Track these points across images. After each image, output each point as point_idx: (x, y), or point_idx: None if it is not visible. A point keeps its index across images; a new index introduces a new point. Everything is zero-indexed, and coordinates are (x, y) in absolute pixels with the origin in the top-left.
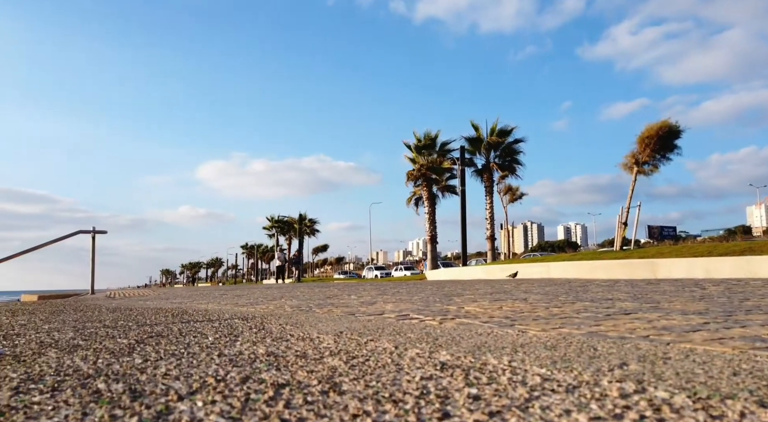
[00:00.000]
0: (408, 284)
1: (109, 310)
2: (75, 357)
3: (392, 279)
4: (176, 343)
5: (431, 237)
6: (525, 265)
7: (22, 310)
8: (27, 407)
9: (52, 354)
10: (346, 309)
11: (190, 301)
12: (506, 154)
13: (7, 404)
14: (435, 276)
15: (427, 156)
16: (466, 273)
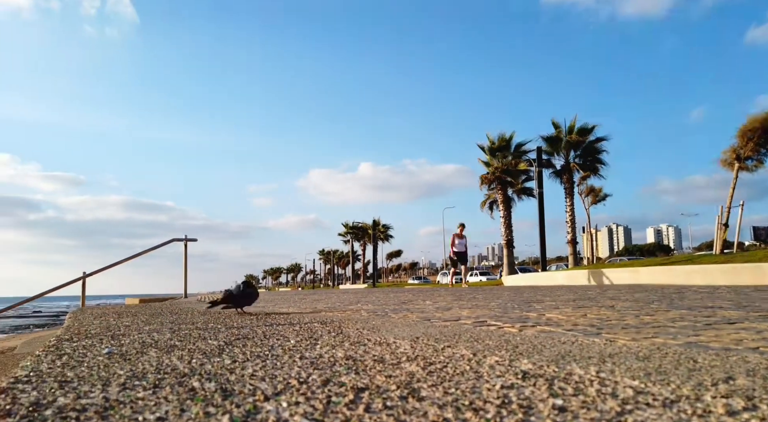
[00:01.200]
0: (484, 290)
1: (200, 313)
2: (172, 356)
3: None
4: (261, 345)
5: (507, 242)
6: (610, 270)
7: (126, 313)
8: (133, 402)
9: (152, 353)
10: (421, 314)
11: (272, 305)
12: (587, 153)
13: (116, 398)
14: (512, 281)
15: (502, 158)
16: (545, 278)
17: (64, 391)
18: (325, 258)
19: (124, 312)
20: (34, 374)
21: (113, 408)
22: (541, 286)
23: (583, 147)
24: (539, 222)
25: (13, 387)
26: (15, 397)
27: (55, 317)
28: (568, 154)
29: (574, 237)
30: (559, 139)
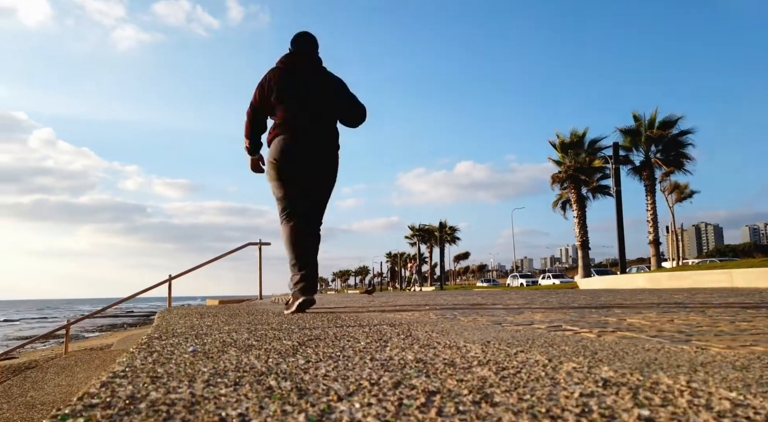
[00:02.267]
0: (558, 293)
1: (275, 314)
2: (250, 355)
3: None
4: (332, 346)
5: (582, 243)
6: (699, 272)
7: (208, 313)
8: (216, 398)
9: (232, 352)
10: (491, 318)
11: (342, 307)
12: (670, 147)
13: (201, 394)
14: (588, 284)
15: (574, 156)
16: (625, 281)
17: (155, 386)
18: (392, 260)
19: (205, 312)
20: (129, 369)
21: (199, 403)
22: (620, 289)
23: (666, 141)
24: (617, 221)
25: (112, 381)
26: (114, 390)
27: (146, 317)
28: (648, 148)
29: (656, 237)
30: (638, 133)
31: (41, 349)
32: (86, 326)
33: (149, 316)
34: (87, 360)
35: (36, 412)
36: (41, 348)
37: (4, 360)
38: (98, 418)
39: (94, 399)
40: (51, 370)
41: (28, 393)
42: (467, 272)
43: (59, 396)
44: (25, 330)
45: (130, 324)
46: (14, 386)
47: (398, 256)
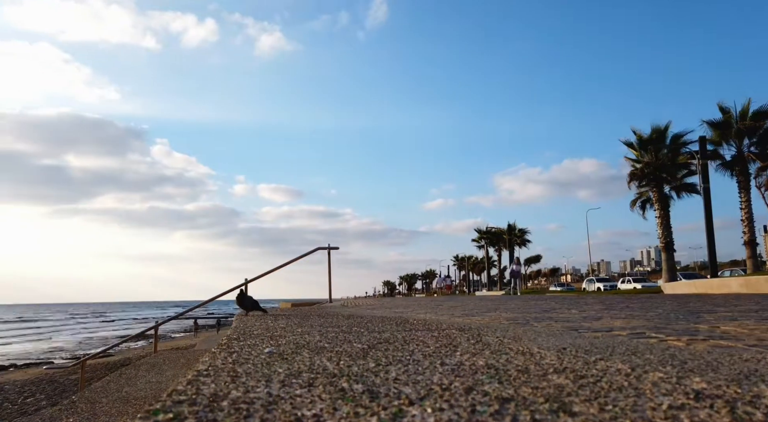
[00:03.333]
0: (639, 298)
1: (344, 317)
2: (322, 357)
3: (619, 292)
4: (402, 350)
5: (665, 245)
6: None
7: (281, 316)
8: (292, 398)
9: (305, 354)
10: (566, 323)
11: (410, 311)
12: (765, 140)
13: (277, 394)
14: (673, 289)
15: (655, 152)
16: (716, 285)
17: (235, 385)
18: (459, 263)
19: (279, 315)
20: (212, 368)
21: (276, 403)
22: (711, 294)
23: (761, 133)
24: (705, 221)
25: (197, 379)
26: (199, 388)
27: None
28: (740, 142)
29: (752, 237)
30: (727, 126)
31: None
32: (172, 327)
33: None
34: (174, 358)
35: (130, 406)
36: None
37: (102, 357)
38: (185, 414)
39: (181, 396)
40: (143, 368)
41: (123, 388)
42: (539, 275)
43: (150, 392)
44: (120, 330)
45: (210, 325)
46: (111, 381)
47: (466, 259)
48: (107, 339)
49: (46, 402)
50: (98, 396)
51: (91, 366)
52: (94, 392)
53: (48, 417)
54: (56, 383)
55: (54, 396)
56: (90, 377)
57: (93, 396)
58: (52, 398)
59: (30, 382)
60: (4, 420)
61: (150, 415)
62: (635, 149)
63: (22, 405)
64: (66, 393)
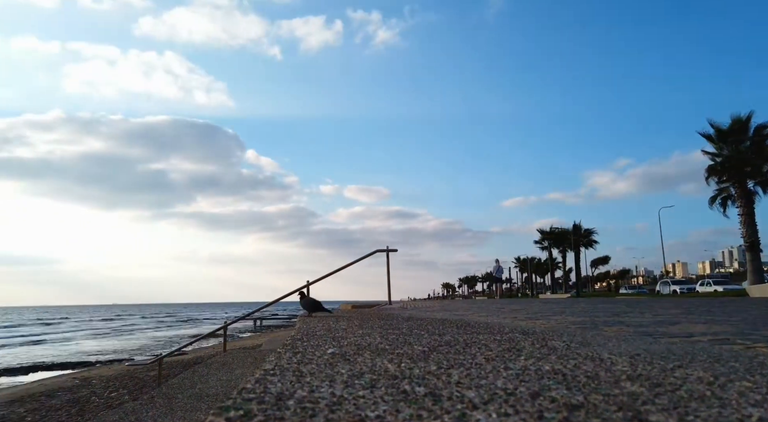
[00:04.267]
0: (721, 301)
1: (404, 319)
2: (384, 359)
3: (697, 295)
4: (463, 353)
5: (750, 245)
6: None
7: (342, 317)
8: (355, 399)
9: (367, 355)
10: (639, 328)
11: (470, 314)
12: None
13: (341, 395)
14: (761, 292)
15: (736, 144)
16: None
17: (300, 384)
18: (521, 265)
19: (340, 316)
20: (278, 368)
21: (340, 403)
22: None
23: None
24: None
25: (264, 378)
26: (266, 387)
27: (288, 319)
28: None
29: None
30: None
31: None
32: (239, 327)
33: (291, 319)
34: (242, 357)
35: (203, 403)
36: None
37: (176, 356)
38: (255, 412)
39: (250, 394)
40: (213, 366)
41: (196, 385)
42: (607, 277)
43: (221, 389)
44: (191, 329)
45: (275, 326)
46: (186, 378)
47: (528, 261)
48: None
49: (128, 397)
50: (174, 392)
51: (168, 364)
52: (171, 388)
53: (130, 410)
54: (137, 379)
55: (135, 391)
56: (166, 374)
57: (170, 392)
58: (133, 393)
59: (113, 378)
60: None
61: (222, 412)
62: (714, 142)
63: (107, 399)
64: (146, 389)
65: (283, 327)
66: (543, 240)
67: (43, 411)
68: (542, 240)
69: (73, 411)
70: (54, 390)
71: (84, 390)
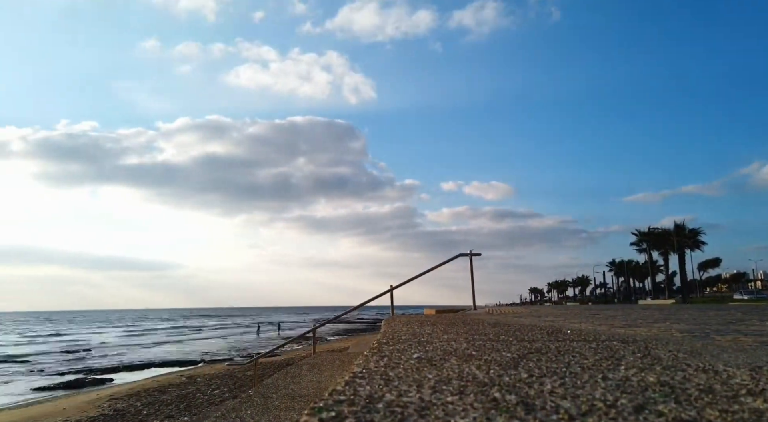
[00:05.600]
0: None
1: (490, 325)
2: (471, 365)
3: None
4: (556, 361)
5: None
6: None
7: (426, 322)
8: (443, 405)
9: (453, 361)
10: (760, 338)
11: (562, 320)
12: None
13: (429, 400)
14: None
15: None
16: None
17: (388, 388)
18: (616, 269)
19: (424, 321)
20: (366, 371)
21: (428, 408)
22: None
23: None
24: None
25: (353, 381)
26: (356, 390)
27: (373, 324)
28: None
29: None
30: None
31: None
32: (327, 330)
33: (375, 323)
34: (330, 360)
35: (296, 403)
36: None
37: (270, 357)
38: (345, 413)
39: (340, 396)
40: (304, 367)
41: (289, 386)
42: (718, 282)
43: (312, 391)
44: (283, 332)
45: (361, 330)
46: (279, 379)
47: (624, 265)
48: (274, 341)
49: (228, 395)
50: (269, 392)
51: (263, 364)
52: (266, 388)
53: (231, 408)
54: (235, 378)
55: (234, 389)
56: (261, 374)
57: (265, 392)
58: (233, 391)
59: (215, 376)
60: (197, 408)
61: (315, 412)
62: None
63: (211, 396)
64: (243, 388)
65: (368, 330)
66: (640, 242)
67: (157, 405)
68: (639, 242)
69: (182, 406)
70: (165, 386)
71: (190, 387)
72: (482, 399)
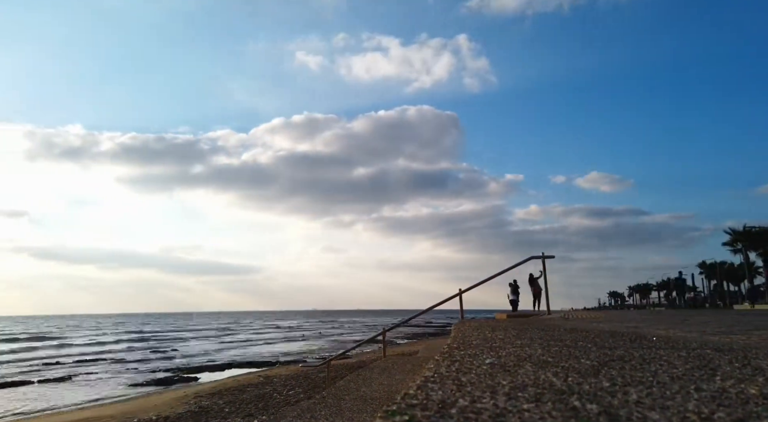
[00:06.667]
0: None
1: (567, 331)
2: (547, 372)
3: None
4: (641, 370)
5: None
6: None
7: (497, 327)
8: (519, 412)
9: (528, 367)
10: None
11: (646, 325)
12: None
13: (504, 407)
14: None
15: None
16: None
17: (461, 393)
18: (707, 272)
19: (495, 326)
20: (437, 375)
21: (504, 415)
22: None
23: None
24: None
25: (425, 385)
26: (428, 394)
27: (442, 328)
28: None
29: None
30: None
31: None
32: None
33: (444, 327)
34: (401, 363)
35: (368, 405)
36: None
37: (342, 359)
38: (419, 418)
39: (413, 400)
40: (375, 370)
41: (360, 388)
42: None
43: (383, 393)
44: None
45: (430, 334)
46: (351, 381)
47: (716, 266)
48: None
49: (303, 395)
50: (342, 394)
51: (335, 366)
52: (339, 389)
53: (306, 408)
54: (309, 379)
55: (309, 390)
56: (334, 375)
57: (338, 393)
58: (307, 392)
59: (290, 377)
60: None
61: (388, 416)
62: None
63: (286, 396)
64: (317, 389)
65: (437, 335)
66: (735, 242)
67: (237, 403)
68: (734, 242)
69: (260, 405)
70: (244, 385)
71: (267, 387)
72: (561, 408)
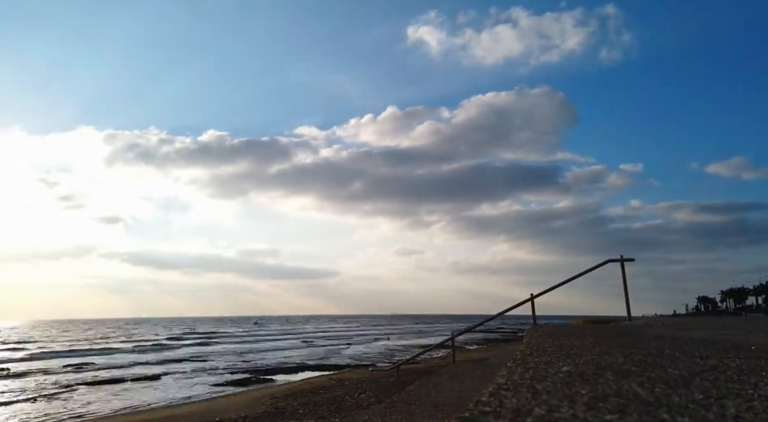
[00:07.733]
0: None
1: (651, 338)
2: (631, 382)
3: None
4: (738, 381)
5: None
6: None
7: (573, 333)
8: None
9: (609, 376)
10: None
11: (742, 333)
12: None
13: (584, 418)
14: None
15: None
16: None
17: (536, 402)
18: None
19: (571, 332)
20: (510, 382)
21: None
22: None
23: None
24: None
25: (498, 392)
26: (501, 401)
27: (513, 334)
28: None
29: None
30: None
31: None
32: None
33: (516, 333)
34: (471, 369)
35: (438, 411)
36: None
37: (411, 364)
38: None
39: (486, 407)
40: (445, 376)
41: (431, 393)
42: None
43: (453, 400)
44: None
45: (501, 340)
46: (421, 386)
47: None
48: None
49: (374, 399)
50: (412, 398)
51: (404, 371)
52: (409, 394)
53: (377, 412)
54: (379, 383)
55: (379, 394)
56: (403, 380)
57: (408, 398)
58: (377, 396)
59: (361, 381)
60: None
61: None
62: None
63: (358, 399)
64: (387, 393)
65: (508, 341)
66: None
67: (311, 405)
68: None
69: (333, 408)
70: (317, 388)
71: (339, 390)
72: (648, 421)
